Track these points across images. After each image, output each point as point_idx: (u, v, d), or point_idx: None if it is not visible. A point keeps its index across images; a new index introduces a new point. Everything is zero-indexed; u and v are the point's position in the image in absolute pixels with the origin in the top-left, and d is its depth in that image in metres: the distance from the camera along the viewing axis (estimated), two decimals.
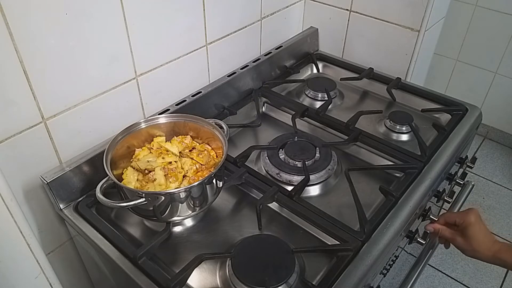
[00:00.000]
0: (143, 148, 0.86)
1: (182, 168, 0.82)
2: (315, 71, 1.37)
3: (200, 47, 1.04)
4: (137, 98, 0.95)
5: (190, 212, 0.80)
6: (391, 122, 1.10)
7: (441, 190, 1.03)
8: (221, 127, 0.88)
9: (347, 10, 1.29)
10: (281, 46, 1.29)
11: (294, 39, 1.33)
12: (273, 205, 0.88)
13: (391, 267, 0.95)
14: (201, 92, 1.07)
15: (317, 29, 1.39)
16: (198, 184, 0.75)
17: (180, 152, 0.86)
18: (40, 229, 0.87)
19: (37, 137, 0.79)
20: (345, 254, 0.76)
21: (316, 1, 1.35)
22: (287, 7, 1.29)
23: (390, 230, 0.81)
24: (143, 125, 0.86)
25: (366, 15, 1.26)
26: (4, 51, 0.68)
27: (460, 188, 1.11)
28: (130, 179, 0.80)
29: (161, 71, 0.97)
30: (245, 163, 0.96)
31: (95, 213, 0.84)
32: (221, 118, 1.05)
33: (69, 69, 0.78)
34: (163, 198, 0.74)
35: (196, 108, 1.04)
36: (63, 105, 0.81)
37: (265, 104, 1.19)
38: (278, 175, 0.94)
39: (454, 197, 1.07)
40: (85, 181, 0.86)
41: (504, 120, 2.38)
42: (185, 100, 1.03)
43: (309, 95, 1.22)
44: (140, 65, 0.91)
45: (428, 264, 1.16)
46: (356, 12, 1.28)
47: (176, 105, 1.02)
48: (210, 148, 0.88)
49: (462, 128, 1.07)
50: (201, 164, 0.83)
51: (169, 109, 1.00)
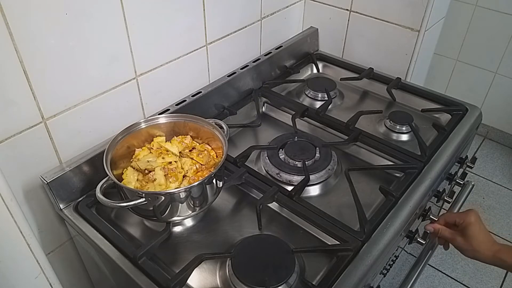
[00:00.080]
0: (143, 148, 0.86)
1: (182, 168, 0.82)
2: (315, 71, 1.37)
3: (200, 47, 1.04)
4: (137, 98, 0.95)
5: (190, 212, 0.80)
6: (391, 122, 1.10)
7: (441, 190, 1.03)
8: (221, 127, 0.88)
9: (347, 10, 1.29)
10: (281, 46, 1.29)
11: (294, 39, 1.33)
12: (273, 205, 0.88)
13: (391, 267, 0.95)
14: (201, 92, 1.07)
15: (317, 29, 1.39)
16: (198, 184, 0.75)
17: (180, 152, 0.86)
18: (40, 229, 0.87)
19: (37, 137, 0.79)
20: (345, 254, 0.76)
21: (316, 1, 1.35)
22: (287, 7, 1.29)
23: (390, 230, 0.81)
24: (143, 125, 0.86)
25: (366, 15, 1.26)
26: (4, 51, 0.68)
27: (460, 188, 1.11)
28: (130, 179, 0.80)
29: (161, 71, 0.97)
30: (245, 163, 0.96)
31: (95, 213, 0.84)
32: (221, 118, 1.05)
33: (69, 69, 0.78)
34: (163, 198, 0.74)
35: (196, 108, 1.04)
36: (63, 105, 0.81)
37: (265, 104, 1.19)
38: (278, 175, 0.94)
39: (454, 197, 1.07)
40: (85, 181, 0.86)
41: (504, 120, 2.38)
42: (185, 100, 1.03)
43: (309, 95, 1.22)
44: (140, 65, 0.91)
45: (428, 264, 1.16)
46: (356, 12, 1.28)
47: (176, 105, 1.02)
48: (210, 148, 0.88)
49: (462, 128, 1.07)
50: (201, 164, 0.83)
51: (169, 109, 1.00)
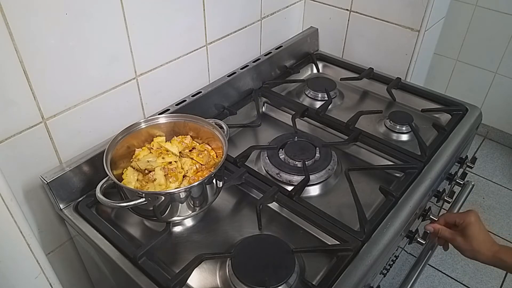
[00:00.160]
0: (143, 148, 0.86)
1: (182, 168, 0.82)
2: (315, 71, 1.37)
3: (200, 47, 1.04)
4: (137, 98, 0.95)
5: (190, 212, 0.80)
6: (391, 122, 1.10)
7: (441, 190, 1.02)
8: (221, 127, 0.88)
9: (347, 10, 1.29)
10: (281, 46, 1.29)
11: (294, 39, 1.33)
12: (273, 205, 0.88)
13: (391, 267, 0.95)
14: (201, 92, 1.07)
15: (317, 29, 1.39)
16: (198, 184, 0.75)
17: (180, 152, 0.86)
18: (40, 229, 0.87)
19: (37, 137, 0.79)
20: (345, 254, 0.76)
21: (316, 1, 1.35)
22: (287, 7, 1.29)
23: (390, 230, 0.81)
24: (143, 125, 0.86)
25: (366, 15, 1.26)
26: (4, 51, 0.68)
27: (460, 188, 1.11)
28: (130, 179, 0.80)
29: (161, 71, 0.97)
30: (245, 163, 0.96)
31: (95, 213, 0.84)
32: (221, 118, 1.04)
33: (69, 69, 0.78)
34: (163, 198, 0.74)
35: (196, 108, 1.04)
36: (63, 105, 0.81)
37: (265, 104, 1.19)
38: (278, 175, 0.94)
39: (454, 197, 1.07)
40: (85, 181, 0.86)
41: (504, 120, 2.38)
42: (185, 100, 1.03)
43: (309, 95, 1.22)
44: (140, 65, 0.91)
45: (428, 264, 1.16)
46: (356, 12, 1.28)
47: (176, 105, 1.02)
48: (210, 148, 0.88)
49: (462, 128, 1.07)
50: (201, 164, 0.83)
51: (169, 109, 1.00)
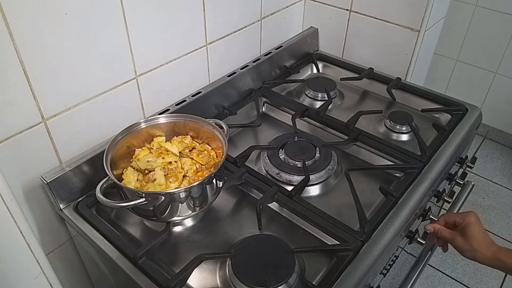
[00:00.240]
0: (143, 148, 0.86)
1: (182, 168, 0.82)
2: (315, 71, 1.37)
3: (200, 47, 1.04)
4: (137, 98, 0.95)
5: (190, 212, 0.80)
6: (391, 122, 1.10)
7: (441, 190, 1.02)
8: (221, 127, 0.88)
9: (347, 10, 1.29)
10: (281, 46, 1.29)
11: (294, 39, 1.33)
12: (273, 205, 0.88)
13: (391, 267, 0.95)
14: (201, 92, 1.07)
15: (317, 29, 1.39)
16: (198, 184, 0.75)
17: (180, 152, 0.86)
18: (40, 229, 0.87)
19: (37, 137, 0.79)
20: (345, 254, 0.76)
21: (316, 1, 1.35)
22: (287, 7, 1.29)
23: (390, 230, 0.81)
24: (143, 125, 0.86)
25: (366, 15, 1.26)
26: (4, 51, 0.68)
27: (460, 188, 1.11)
28: (130, 179, 0.80)
29: (161, 71, 0.97)
30: (245, 163, 0.96)
31: (95, 213, 0.84)
32: (221, 118, 1.04)
33: (69, 69, 0.78)
34: (163, 198, 0.74)
35: (196, 108, 1.04)
36: (63, 105, 0.81)
37: (265, 104, 1.19)
38: (278, 175, 0.94)
39: (454, 197, 1.07)
40: (85, 181, 0.86)
41: (504, 120, 2.38)
42: (185, 100, 1.03)
43: (309, 95, 1.22)
44: (140, 65, 0.91)
45: (428, 264, 1.16)
46: (356, 12, 1.28)
47: (176, 105, 1.02)
48: (210, 148, 0.88)
49: (462, 128, 1.07)
50: (201, 164, 0.83)
51: (169, 109, 1.00)
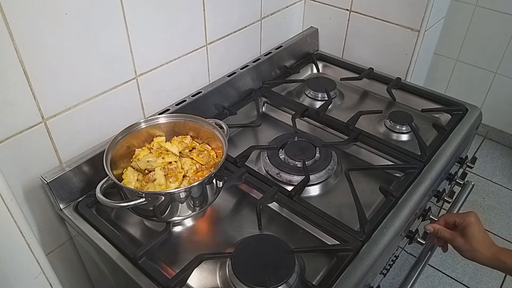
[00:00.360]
0: (143, 148, 0.86)
1: (182, 168, 0.82)
2: (315, 71, 1.37)
3: (200, 47, 1.04)
4: (137, 98, 0.95)
5: (190, 212, 0.80)
6: (391, 122, 1.10)
7: (441, 190, 1.02)
8: (221, 127, 0.88)
9: (347, 10, 1.29)
10: (281, 46, 1.29)
11: (294, 39, 1.33)
12: (273, 205, 0.88)
13: (391, 267, 0.95)
14: (201, 92, 1.07)
15: (317, 29, 1.39)
16: (198, 184, 0.75)
17: (180, 152, 0.86)
18: (40, 229, 0.87)
19: (37, 137, 0.79)
20: (345, 254, 0.76)
21: (316, 1, 1.35)
22: (287, 7, 1.29)
23: (390, 230, 0.81)
24: (143, 125, 0.86)
25: (366, 15, 1.26)
26: (4, 51, 0.68)
27: (460, 188, 1.11)
28: (130, 179, 0.80)
29: (161, 71, 0.97)
30: (245, 163, 0.96)
31: (95, 213, 0.84)
32: (221, 118, 1.04)
33: (69, 69, 0.78)
34: (163, 198, 0.74)
35: (196, 108, 1.04)
36: (63, 105, 0.81)
37: (265, 104, 1.19)
38: (278, 175, 0.94)
39: (454, 197, 1.07)
40: (85, 181, 0.86)
41: (504, 120, 2.38)
42: (185, 100, 1.03)
43: (309, 95, 1.22)
44: (140, 65, 0.91)
45: (428, 264, 1.16)
46: (356, 12, 1.28)
47: (176, 105, 1.02)
48: (210, 148, 0.88)
49: (462, 128, 1.07)
50: (201, 164, 0.83)
51: (169, 109, 1.00)
